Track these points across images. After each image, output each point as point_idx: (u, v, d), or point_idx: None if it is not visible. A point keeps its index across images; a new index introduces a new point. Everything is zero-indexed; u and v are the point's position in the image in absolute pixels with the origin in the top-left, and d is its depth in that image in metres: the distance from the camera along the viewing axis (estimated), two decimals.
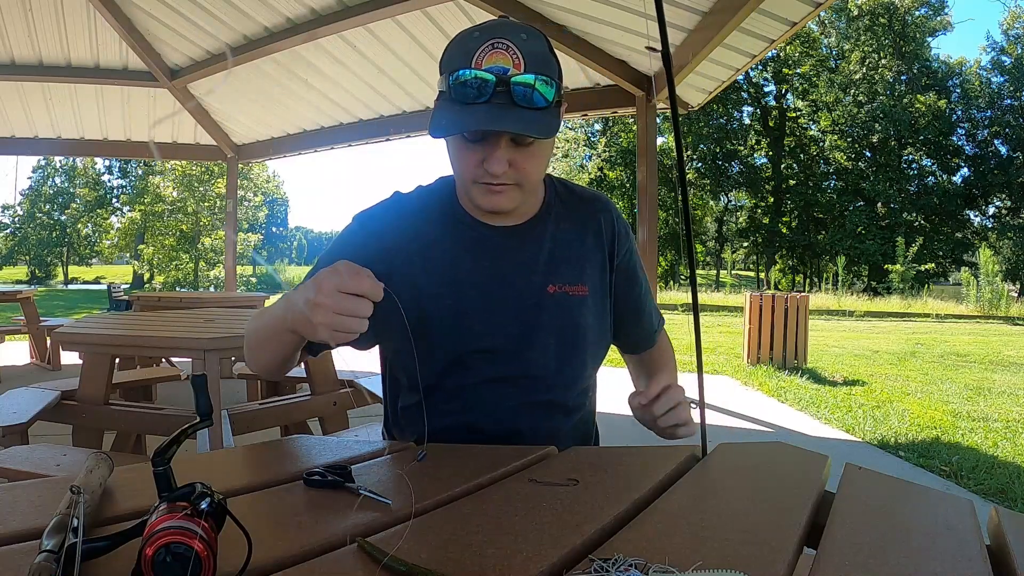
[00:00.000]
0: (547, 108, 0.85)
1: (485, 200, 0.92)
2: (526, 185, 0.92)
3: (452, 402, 0.98)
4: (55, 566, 0.43)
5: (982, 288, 17.24)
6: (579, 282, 1.01)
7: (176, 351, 2.79)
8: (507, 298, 0.98)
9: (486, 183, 0.90)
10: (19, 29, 5.88)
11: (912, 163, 29.82)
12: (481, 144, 0.87)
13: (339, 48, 5.77)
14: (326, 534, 0.58)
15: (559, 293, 1.00)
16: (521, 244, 1.01)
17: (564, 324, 1.00)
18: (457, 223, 1.01)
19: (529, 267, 1.00)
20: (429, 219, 1.01)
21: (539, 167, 0.93)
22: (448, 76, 0.84)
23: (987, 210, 30.42)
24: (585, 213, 1.06)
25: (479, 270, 0.99)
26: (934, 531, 0.64)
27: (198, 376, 0.58)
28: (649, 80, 5.18)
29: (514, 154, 0.88)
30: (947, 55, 41.43)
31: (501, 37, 0.84)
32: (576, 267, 1.02)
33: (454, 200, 1.02)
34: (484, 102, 0.82)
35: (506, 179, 0.89)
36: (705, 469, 0.85)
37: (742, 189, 32.58)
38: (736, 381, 5.99)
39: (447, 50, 0.88)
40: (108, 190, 41.60)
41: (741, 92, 30.67)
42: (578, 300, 1.01)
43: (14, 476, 1.72)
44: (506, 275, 0.99)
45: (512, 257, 1.00)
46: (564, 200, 1.06)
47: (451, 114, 0.84)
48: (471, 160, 0.89)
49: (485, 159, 0.87)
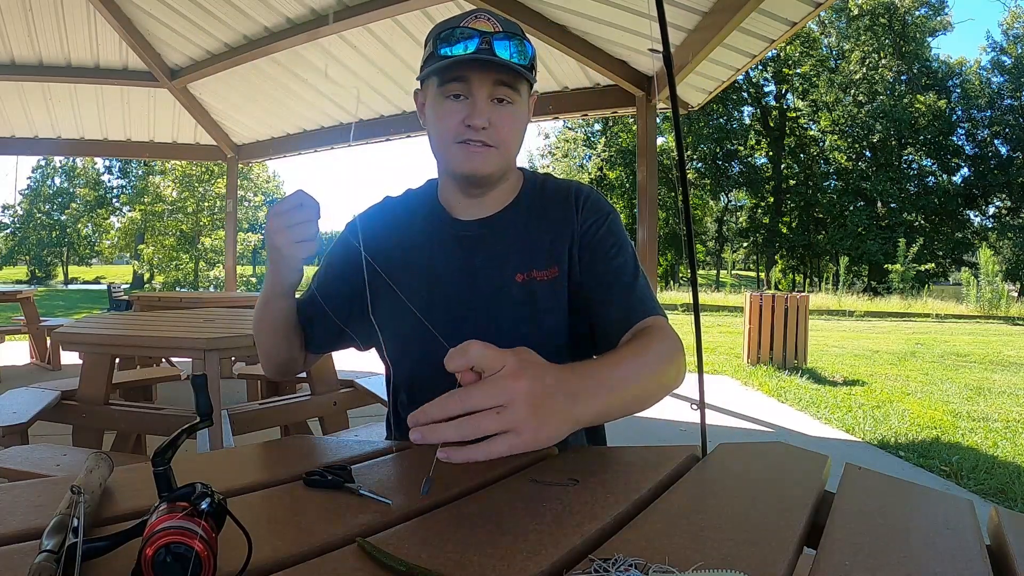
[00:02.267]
0: (525, 68, 0.93)
1: (465, 162, 0.96)
2: (504, 149, 0.97)
3: (431, 397, 0.99)
4: (55, 566, 0.43)
5: (982, 288, 17.24)
6: (550, 265, 1.01)
7: (176, 351, 2.79)
8: (476, 290, 1.00)
9: (466, 142, 0.94)
10: (19, 29, 5.88)
11: (912, 163, 29.84)
12: (463, 102, 0.93)
13: (339, 48, 5.77)
14: (326, 534, 0.58)
15: (527, 280, 1.00)
16: (493, 234, 1.03)
17: (534, 311, 1.00)
18: (435, 221, 1.05)
19: (500, 258, 1.02)
20: (412, 221, 1.07)
21: (516, 131, 0.98)
22: (435, 37, 0.93)
23: (987, 210, 30.45)
24: (556, 197, 1.07)
25: (452, 264, 1.02)
26: (934, 531, 0.64)
27: (198, 376, 0.58)
28: (649, 80, 5.18)
29: (493, 112, 0.94)
30: (947, 55, 41.51)
31: (482, 12, 0.94)
32: (546, 251, 1.02)
33: (435, 199, 1.08)
34: (470, 53, 0.90)
35: (486, 138, 0.94)
36: (705, 469, 0.85)
37: (742, 189, 32.60)
38: (736, 381, 5.99)
39: (433, 28, 0.97)
40: (108, 190, 41.62)
41: (741, 92, 30.69)
42: (547, 283, 1.01)
43: (14, 476, 1.72)
44: (477, 268, 1.02)
45: (484, 249, 1.03)
46: (538, 188, 1.08)
47: (439, 63, 0.92)
48: (454, 117, 0.94)
49: (468, 115, 0.92)
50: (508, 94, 0.94)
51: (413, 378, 1.04)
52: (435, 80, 0.95)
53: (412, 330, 0.97)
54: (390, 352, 1.02)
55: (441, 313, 0.99)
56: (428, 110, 0.99)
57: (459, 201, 1.05)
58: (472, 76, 0.92)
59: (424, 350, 0.98)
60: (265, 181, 35.40)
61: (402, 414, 1.07)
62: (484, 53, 0.90)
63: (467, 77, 0.92)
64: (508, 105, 0.95)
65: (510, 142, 0.97)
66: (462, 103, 0.93)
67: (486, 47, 0.90)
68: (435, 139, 0.99)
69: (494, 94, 0.93)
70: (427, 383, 0.97)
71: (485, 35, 0.90)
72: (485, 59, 0.90)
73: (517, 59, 0.91)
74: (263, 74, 6.38)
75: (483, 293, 1.01)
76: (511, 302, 1.00)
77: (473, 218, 1.05)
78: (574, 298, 1.02)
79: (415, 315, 0.96)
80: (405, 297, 0.97)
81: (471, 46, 0.90)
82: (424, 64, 0.97)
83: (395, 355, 1.03)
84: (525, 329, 1.00)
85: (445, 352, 0.93)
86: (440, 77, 0.94)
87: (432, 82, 0.96)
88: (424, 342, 0.96)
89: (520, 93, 0.96)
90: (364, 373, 2.97)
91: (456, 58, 0.90)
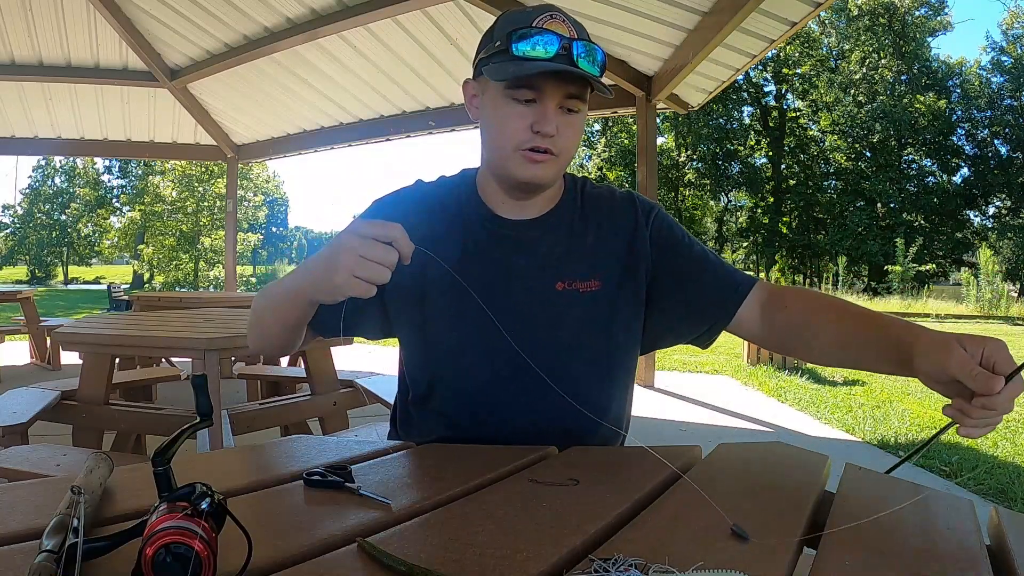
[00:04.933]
0: (598, 80, 0.89)
1: (525, 170, 0.92)
2: (563, 157, 0.93)
3: (455, 400, 0.98)
4: (55, 566, 0.43)
5: (982, 288, 17.22)
6: (591, 276, 0.98)
7: (176, 351, 2.79)
8: (512, 294, 0.97)
9: (530, 150, 0.90)
10: (19, 29, 5.89)
11: (912, 163, 29.82)
12: (531, 107, 0.89)
13: (339, 48, 5.77)
14: (326, 534, 0.58)
15: (568, 290, 0.97)
16: (536, 238, 0.99)
17: (571, 321, 0.97)
18: (474, 215, 1.01)
19: (540, 263, 0.98)
20: (446, 210, 1.01)
21: (576, 140, 0.94)
22: (511, 33, 0.87)
23: (987, 210, 30.42)
24: (603, 205, 1.03)
25: (488, 265, 0.98)
26: (934, 531, 0.64)
27: (198, 376, 0.58)
28: (649, 80, 5.18)
29: (560, 121, 0.90)
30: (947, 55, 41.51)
31: (556, 10, 0.90)
32: (589, 261, 0.99)
33: (473, 192, 1.02)
34: (547, 59, 0.85)
35: (551, 146, 0.90)
36: (705, 469, 0.85)
37: (742, 189, 32.57)
38: (736, 381, 5.98)
39: (501, 19, 0.93)
40: (108, 190, 41.61)
41: (741, 92, 30.67)
42: (589, 296, 0.98)
43: (14, 476, 1.71)
44: (515, 271, 0.98)
45: (525, 252, 0.98)
46: (583, 194, 1.05)
47: (517, 65, 0.87)
48: (520, 123, 0.89)
49: (536, 121, 0.88)
50: (576, 104, 0.91)
51: (438, 374, 1.00)
52: (506, 80, 0.90)
53: (449, 324, 0.96)
54: (419, 347, 0.99)
55: (475, 310, 0.94)
56: (487, 107, 0.94)
57: (503, 200, 1.00)
58: (547, 84, 0.88)
59: (458, 346, 0.96)
60: (265, 181, 35.42)
61: (412, 412, 1.04)
62: (563, 60, 0.86)
63: (542, 85, 0.88)
64: (574, 114, 0.92)
65: (571, 150, 0.94)
66: (530, 108, 0.89)
67: (564, 53, 0.86)
68: (494, 140, 0.94)
69: (563, 103, 0.90)
70: (454, 378, 0.97)
71: (564, 40, 0.86)
72: (566, 70, 0.85)
73: (591, 67, 0.87)
74: (263, 74, 6.38)
75: (520, 296, 0.97)
76: (550, 309, 0.97)
77: (515, 218, 1.00)
78: (625, 307, 1.00)
79: (448, 306, 0.95)
80: (434, 288, 0.96)
81: (550, 50, 0.85)
82: (491, 58, 0.90)
83: (425, 348, 1.00)
84: (560, 338, 0.97)
85: (482, 346, 0.96)
86: (513, 80, 0.89)
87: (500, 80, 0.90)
88: (462, 336, 0.95)
89: (585, 101, 0.93)
90: (364, 373, 2.97)
91: (535, 64, 0.86)
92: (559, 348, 0.97)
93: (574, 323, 0.98)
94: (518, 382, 0.96)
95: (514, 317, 0.95)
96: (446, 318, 0.97)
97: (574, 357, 0.98)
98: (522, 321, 0.96)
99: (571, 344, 0.98)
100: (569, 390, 0.96)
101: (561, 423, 0.97)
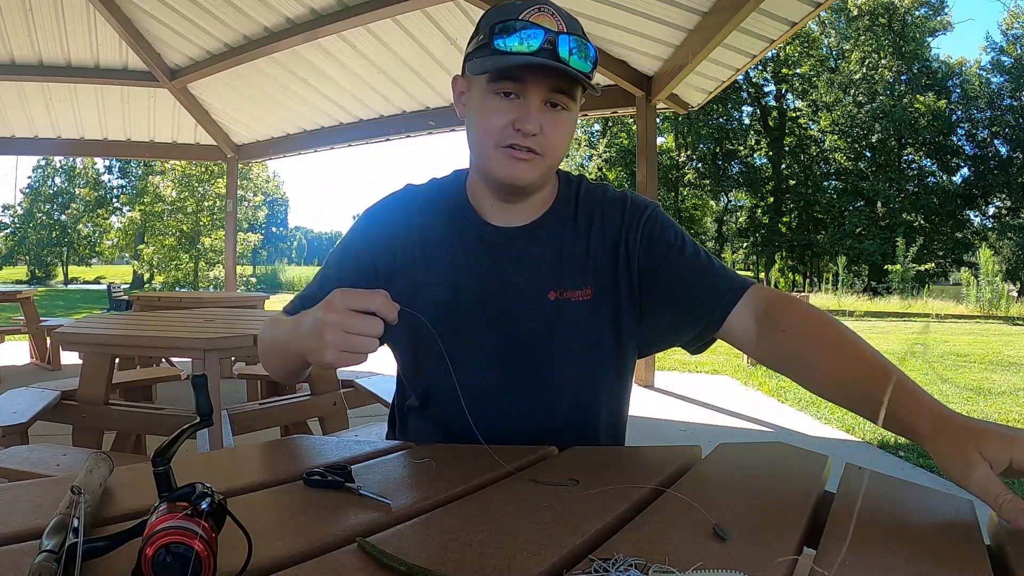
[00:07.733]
0: (587, 76, 0.85)
1: (507, 169, 0.88)
2: (550, 158, 0.90)
3: (450, 406, 0.98)
4: (55, 566, 0.43)
5: (982, 288, 17.22)
6: (584, 285, 0.96)
7: (176, 351, 2.79)
8: (506, 300, 0.96)
9: (511, 147, 0.87)
10: (19, 29, 5.89)
11: (912, 163, 29.80)
12: (514, 102, 0.86)
13: (339, 48, 5.77)
14: (326, 534, 0.58)
15: (560, 300, 0.95)
16: (526, 246, 0.97)
17: (565, 330, 0.96)
18: (463, 221, 0.99)
19: (532, 271, 0.96)
20: (436, 214, 0.99)
21: (564, 140, 0.90)
22: (494, 25, 0.84)
23: (987, 210, 30.41)
24: (595, 207, 0.99)
25: (479, 271, 0.96)
26: (934, 531, 0.64)
27: (198, 376, 0.58)
28: (649, 80, 5.18)
29: (545, 118, 0.86)
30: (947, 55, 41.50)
31: (545, 3, 0.86)
32: (581, 269, 0.97)
33: (463, 196, 1.00)
34: (530, 53, 0.82)
35: (534, 144, 0.87)
36: (705, 469, 0.85)
37: (742, 189, 32.56)
38: (736, 381, 5.98)
39: (487, 13, 0.89)
40: (108, 190, 41.59)
41: (741, 92, 30.65)
42: (582, 304, 0.96)
43: (14, 476, 1.72)
44: (507, 278, 0.96)
45: (515, 260, 0.96)
46: (578, 195, 1.01)
47: (496, 59, 0.84)
48: (501, 119, 0.86)
49: (518, 118, 0.85)
50: (563, 100, 0.87)
51: (433, 382, 0.99)
52: (485, 74, 0.87)
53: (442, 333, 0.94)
54: (412, 357, 1.00)
55: (470, 318, 0.95)
56: (471, 103, 0.91)
57: (491, 204, 0.97)
58: (529, 78, 0.85)
59: (451, 352, 0.93)
60: (265, 181, 35.39)
61: (410, 416, 1.05)
62: (546, 54, 0.82)
63: (524, 78, 0.85)
64: (562, 111, 0.88)
65: (558, 150, 0.90)
66: (512, 103, 0.86)
67: (549, 47, 0.82)
68: (476, 137, 0.91)
69: (549, 99, 0.86)
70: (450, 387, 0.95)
71: (549, 33, 0.82)
72: (547, 64, 0.82)
73: (580, 63, 0.83)
74: (263, 74, 6.38)
75: (513, 304, 0.95)
76: (542, 318, 0.95)
77: (504, 224, 0.97)
78: (620, 314, 0.97)
79: (440, 313, 0.94)
80: (426, 294, 0.95)
81: (533, 44, 0.82)
82: (474, 53, 0.88)
83: (417, 359, 1.00)
84: (555, 346, 0.95)
85: (473, 357, 0.94)
86: (492, 72, 0.85)
87: (480, 75, 0.88)
88: (453, 344, 0.93)
89: (575, 99, 0.89)
90: (364, 373, 2.97)
91: (515, 58, 0.82)
92: (554, 356, 0.96)
93: (568, 332, 0.96)
94: (516, 389, 0.96)
95: (511, 326, 0.95)
96: (439, 326, 0.97)
97: (569, 364, 0.97)
98: (519, 330, 0.96)
99: (566, 352, 0.96)
100: (565, 396, 0.97)
101: (559, 429, 0.97)
